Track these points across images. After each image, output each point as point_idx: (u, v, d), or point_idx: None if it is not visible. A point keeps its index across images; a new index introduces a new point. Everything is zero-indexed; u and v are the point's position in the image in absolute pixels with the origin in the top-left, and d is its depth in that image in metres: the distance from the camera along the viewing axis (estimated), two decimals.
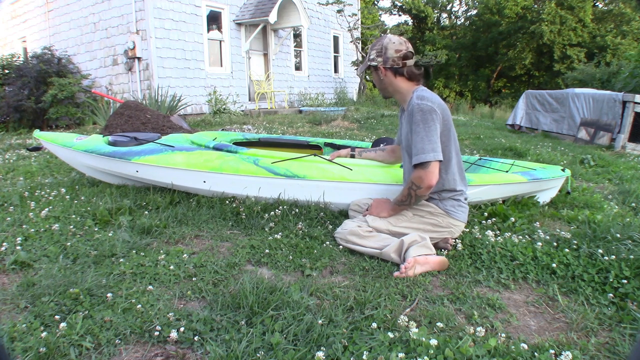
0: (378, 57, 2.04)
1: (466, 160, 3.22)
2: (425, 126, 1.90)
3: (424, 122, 1.90)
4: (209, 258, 1.92)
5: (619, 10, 21.46)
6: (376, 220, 2.07)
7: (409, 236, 1.94)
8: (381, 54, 2.03)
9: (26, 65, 8.50)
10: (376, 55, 2.05)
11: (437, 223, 2.06)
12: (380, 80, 2.09)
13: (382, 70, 2.05)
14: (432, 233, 2.05)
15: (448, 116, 1.98)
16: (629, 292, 1.65)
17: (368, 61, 2.10)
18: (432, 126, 1.90)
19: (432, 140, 1.89)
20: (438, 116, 1.92)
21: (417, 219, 2.06)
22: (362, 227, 2.03)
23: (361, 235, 2.01)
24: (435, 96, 2.00)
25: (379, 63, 2.04)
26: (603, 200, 3.06)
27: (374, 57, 2.06)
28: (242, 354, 1.25)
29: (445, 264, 1.90)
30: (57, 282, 1.60)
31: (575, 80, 13.87)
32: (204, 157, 2.58)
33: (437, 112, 1.92)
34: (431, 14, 26.01)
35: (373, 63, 2.06)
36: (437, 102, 1.96)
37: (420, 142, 1.90)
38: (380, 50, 2.04)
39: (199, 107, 9.39)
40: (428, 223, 2.05)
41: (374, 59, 2.06)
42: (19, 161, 4.32)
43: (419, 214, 2.06)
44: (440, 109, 1.94)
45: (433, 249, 1.94)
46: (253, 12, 10.20)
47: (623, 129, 6.30)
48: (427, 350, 1.26)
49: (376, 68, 2.06)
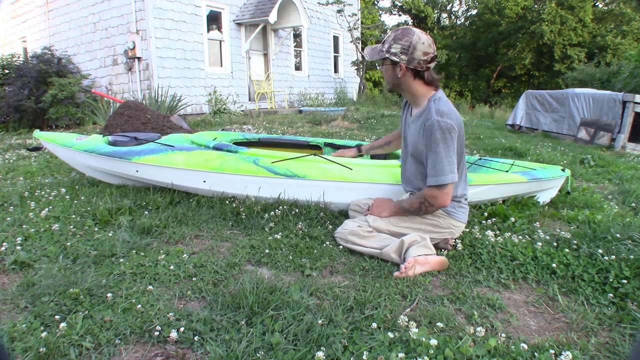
0: (402, 55, 1.87)
1: (466, 160, 3.22)
2: (444, 146, 1.84)
3: (444, 142, 1.84)
4: (209, 258, 1.92)
5: (619, 10, 21.46)
6: (377, 220, 2.07)
7: (409, 236, 1.94)
8: (407, 52, 1.87)
9: (26, 65, 8.50)
10: (401, 51, 1.87)
11: (438, 224, 2.05)
12: (395, 76, 1.94)
13: (402, 68, 1.90)
14: (433, 233, 2.05)
15: (462, 128, 1.94)
16: (629, 292, 1.65)
17: (387, 53, 1.91)
18: (452, 146, 1.85)
19: (451, 161, 1.85)
20: (456, 134, 1.87)
21: (418, 219, 2.06)
22: (362, 227, 2.03)
23: (361, 235, 2.01)
24: (452, 109, 1.91)
25: (402, 61, 1.88)
26: (603, 200, 3.06)
27: (397, 51, 1.88)
28: (242, 354, 1.25)
29: (445, 264, 1.90)
30: (57, 282, 1.60)
31: (575, 80, 13.87)
32: (204, 156, 2.58)
33: (455, 130, 1.86)
34: (431, 14, 26.00)
35: (394, 58, 1.89)
36: (455, 117, 1.88)
37: (440, 163, 1.85)
38: (407, 47, 1.86)
39: (199, 107, 9.39)
40: (429, 224, 2.05)
41: (396, 54, 1.88)
42: (19, 161, 4.32)
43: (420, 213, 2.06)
44: (458, 125, 1.88)
45: (433, 249, 1.94)
46: (253, 12, 10.20)
47: (623, 129, 6.30)
48: (427, 350, 1.26)
49: (396, 64, 1.91)
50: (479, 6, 24.69)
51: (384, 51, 1.93)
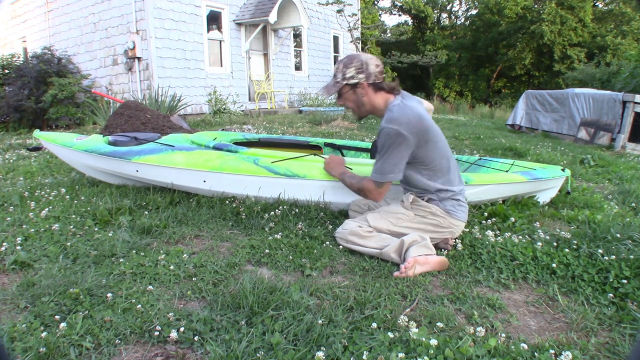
0: (359, 74, 1.96)
1: (466, 160, 3.22)
2: (387, 150, 1.94)
3: (389, 146, 1.93)
4: (209, 258, 1.92)
5: (619, 10, 21.46)
6: (377, 220, 2.07)
7: (409, 236, 1.94)
8: (362, 70, 1.96)
9: (26, 65, 8.50)
10: (356, 72, 1.96)
11: (438, 223, 2.05)
12: (358, 99, 2.02)
13: (364, 87, 1.98)
14: (434, 233, 2.05)
15: (425, 129, 1.93)
16: (629, 292, 1.65)
17: (344, 80, 1.98)
18: (395, 148, 1.92)
19: (392, 162, 1.94)
20: (405, 138, 1.89)
21: (418, 219, 2.06)
22: (362, 227, 2.03)
23: (361, 235, 2.01)
24: (406, 114, 1.93)
25: (362, 79, 1.97)
26: (603, 200, 3.06)
27: (352, 74, 1.97)
28: (242, 354, 1.25)
29: (445, 264, 1.90)
30: (57, 282, 1.60)
31: (575, 80, 13.87)
32: (204, 156, 2.58)
33: (403, 135, 1.89)
34: (431, 14, 25.99)
35: (353, 81, 1.97)
36: (405, 121, 1.90)
37: (383, 163, 1.97)
38: (360, 66, 1.96)
39: (199, 107, 9.39)
40: (429, 223, 2.05)
41: (353, 77, 1.97)
42: (19, 161, 4.32)
43: (420, 214, 2.06)
44: (408, 129, 1.89)
45: (433, 249, 1.94)
46: (253, 12, 10.20)
47: (623, 129, 6.30)
48: (427, 350, 1.26)
49: (356, 85, 1.98)
50: (479, 6, 24.68)
51: (339, 81, 2.00)
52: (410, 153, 1.95)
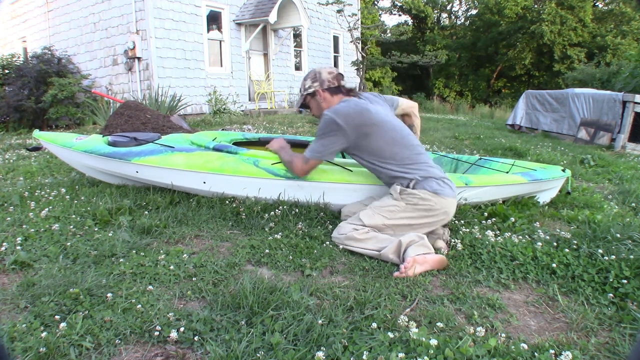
0: (314, 83, 2.23)
1: (466, 160, 3.22)
2: (321, 134, 2.13)
3: (322, 131, 2.12)
4: (209, 258, 1.92)
5: (619, 10, 21.45)
6: (371, 217, 2.07)
7: (406, 236, 1.94)
8: (316, 79, 2.23)
9: (26, 65, 8.50)
10: (312, 82, 2.24)
11: (431, 207, 2.06)
12: (318, 104, 2.25)
13: (320, 93, 2.22)
14: (429, 218, 2.06)
15: (363, 122, 2.07)
16: (629, 292, 1.65)
17: (305, 92, 2.26)
18: (329, 135, 2.10)
19: (322, 144, 2.13)
20: (339, 127, 2.07)
21: (410, 207, 2.07)
22: (358, 231, 2.03)
23: (358, 239, 2.01)
24: (347, 107, 2.11)
25: (316, 87, 2.22)
26: (603, 200, 3.06)
27: (309, 85, 2.24)
28: (242, 354, 1.25)
29: (444, 262, 1.90)
30: (57, 282, 1.60)
31: (575, 80, 13.86)
32: (204, 158, 2.58)
33: (338, 124, 2.06)
34: (431, 14, 25.98)
35: (310, 90, 2.24)
36: (343, 113, 2.07)
37: (313, 143, 2.18)
38: (314, 77, 2.24)
39: (199, 107, 9.39)
40: (422, 209, 2.06)
41: (310, 86, 2.24)
42: (19, 161, 4.32)
43: (411, 202, 2.07)
44: (345, 120, 2.06)
45: (431, 248, 1.95)
46: (253, 12, 10.20)
47: (623, 129, 6.31)
48: (427, 350, 1.26)
49: (314, 94, 2.24)
50: (479, 6, 24.67)
51: (302, 94, 2.31)
52: (345, 142, 2.11)
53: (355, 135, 2.09)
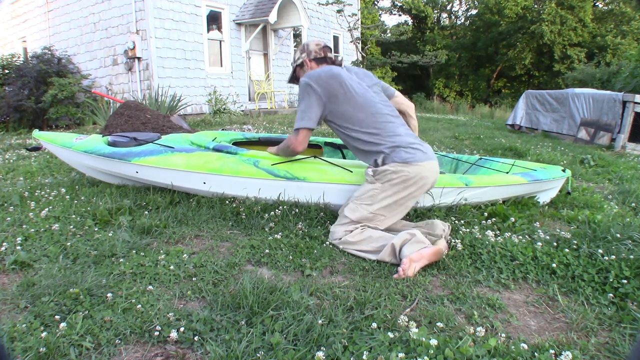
0: (302, 54, 2.35)
1: (466, 160, 3.22)
2: (300, 101, 2.21)
3: (300, 97, 2.21)
4: (209, 258, 1.92)
5: (619, 10, 21.45)
6: (355, 211, 2.09)
7: (397, 237, 1.93)
8: (304, 50, 2.36)
9: (26, 65, 8.50)
10: (300, 54, 2.37)
11: (407, 177, 2.06)
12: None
13: (307, 63, 2.33)
14: (409, 188, 2.07)
15: (332, 83, 2.15)
16: (629, 292, 1.65)
17: (294, 64, 2.39)
18: (305, 99, 2.18)
19: (303, 111, 2.18)
20: (312, 88, 2.15)
21: (388, 185, 2.08)
22: (352, 232, 2.03)
23: (353, 242, 2.02)
24: (319, 71, 2.20)
25: (304, 58, 2.34)
26: (603, 200, 3.06)
27: (298, 56, 2.37)
28: (242, 354, 1.25)
29: (440, 252, 1.91)
30: (57, 282, 1.60)
31: (575, 80, 13.86)
32: (204, 158, 2.58)
33: (310, 85, 2.15)
34: (431, 14, 25.97)
35: (299, 61, 2.36)
36: (315, 75, 2.17)
37: (297, 114, 2.22)
38: (302, 49, 2.37)
39: (199, 107, 9.38)
40: (399, 182, 2.06)
41: (299, 58, 2.37)
42: (19, 161, 4.32)
43: (386, 179, 2.08)
44: (317, 81, 2.15)
45: (426, 241, 1.94)
46: (253, 12, 10.20)
47: (623, 129, 6.30)
48: (427, 350, 1.26)
49: (302, 64, 2.35)
50: (479, 6, 24.67)
51: (292, 66, 2.43)
52: (319, 103, 2.17)
53: (326, 96, 2.16)
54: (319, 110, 2.19)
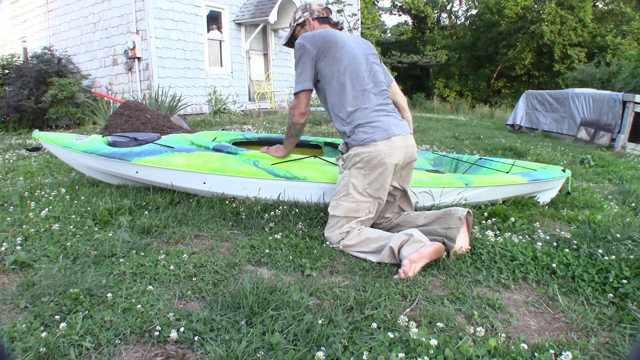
0: (305, 13, 2.29)
1: (466, 160, 3.22)
2: (297, 63, 2.18)
3: (296, 60, 2.18)
4: (209, 258, 1.92)
5: (619, 10, 21.45)
6: (338, 207, 2.08)
7: (394, 239, 1.90)
8: (306, 9, 2.30)
9: (26, 65, 8.50)
10: (302, 13, 2.30)
11: (369, 157, 2.03)
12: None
13: (310, 22, 2.28)
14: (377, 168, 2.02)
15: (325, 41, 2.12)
16: (629, 292, 1.65)
17: (295, 23, 2.31)
18: (300, 60, 2.15)
19: (299, 73, 2.15)
20: (305, 49, 2.12)
21: (355, 170, 2.06)
22: (347, 236, 2.02)
23: (352, 245, 2.01)
24: (313, 31, 2.19)
25: (307, 16, 2.28)
26: (603, 200, 3.06)
27: (300, 15, 2.30)
28: (242, 354, 1.25)
29: (440, 250, 1.89)
30: (57, 282, 1.60)
31: (575, 80, 13.87)
32: (204, 158, 2.58)
33: (304, 46, 2.12)
34: (431, 14, 25.99)
35: (301, 20, 2.29)
36: (309, 36, 2.14)
37: (295, 78, 2.20)
38: (304, 8, 2.30)
39: (199, 107, 9.39)
40: (365, 163, 2.04)
41: (300, 17, 2.29)
42: (19, 161, 4.32)
43: (352, 164, 2.07)
44: (310, 41, 2.12)
45: (425, 239, 1.90)
46: (253, 12, 10.20)
47: (623, 129, 6.30)
48: (427, 350, 1.26)
49: (304, 23, 2.29)
50: (479, 6, 24.67)
51: (292, 25, 2.34)
52: (311, 62, 2.13)
53: (316, 52, 2.12)
54: (312, 70, 2.16)
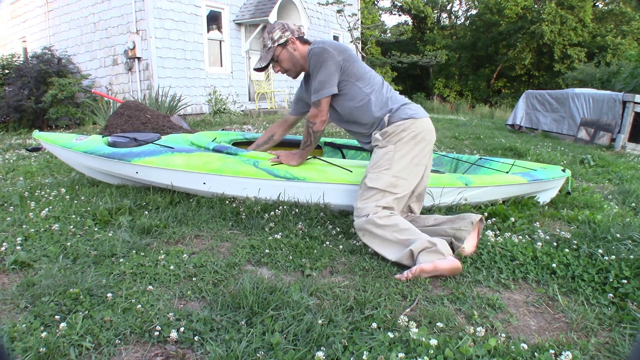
0: (285, 33, 2.18)
1: (466, 160, 3.22)
2: (316, 69, 2.08)
3: (316, 66, 2.09)
4: (209, 258, 1.92)
5: (619, 10, 21.46)
6: (377, 179, 2.02)
7: (416, 244, 1.83)
8: (286, 29, 2.19)
9: (26, 65, 8.50)
10: (282, 33, 2.17)
11: (415, 133, 2.07)
12: (292, 55, 2.20)
13: (293, 42, 2.18)
14: (420, 144, 2.07)
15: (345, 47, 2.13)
16: (629, 292, 1.65)
17: (275, 43, 2.17)
18: (323, 66, 2.07)
19: (323, 79, 2.08)
20: (329, 53, 2.07)
21: (400, 144, 2.06)
22: (377, 214, 1.93)
23: (378, 225, 1.91)
24: (327, 40, 2.18)
25: (289, 36, 2.18)
26: (603, 200, 3.06)
27: (279, 35, 2.17)
28: (242, 354, 1.25)
29: (457, 268, 1.78)
30: (57, 282, 1.60)
31: (575, 80, 13.87)
32: (203, 158, 2.58)
33: (327, 50, 2.07)
34: (431, 14, 25.99)
35: (282, 40, 2.17)
36: (328, 42, 2.13)
37: (314, 83, 2.10)
38: (282, 27, 2.19)
39: (199, 107, 9.39)
40: (410, 139, 2.06)
41: (280, 37, 2.17)
42: (19, 161, 4.32)
43: (397, 138, 2.07)
44: (331, 46, 2.09)
45: (446, 252, 1.81)
46: (253, 12, 10.20)
47: (623, 129, 6.30)
48: (427, 350, 1.26)
49: (286, 43, 2.18)
50: (479, 6, 24.67)
51: (272, 46, 2.19)
52: (337, 67, 2.08)
53: (342, 58, 2.10)
54: (338, 75, 2.12)
